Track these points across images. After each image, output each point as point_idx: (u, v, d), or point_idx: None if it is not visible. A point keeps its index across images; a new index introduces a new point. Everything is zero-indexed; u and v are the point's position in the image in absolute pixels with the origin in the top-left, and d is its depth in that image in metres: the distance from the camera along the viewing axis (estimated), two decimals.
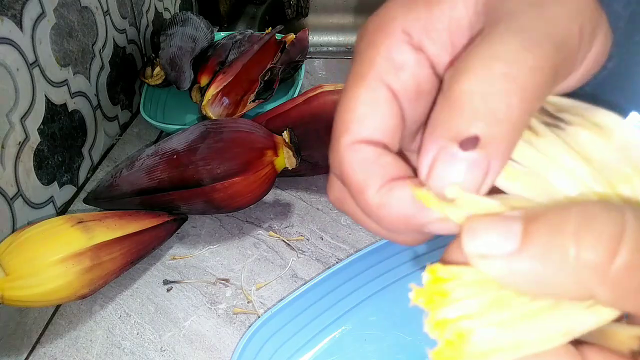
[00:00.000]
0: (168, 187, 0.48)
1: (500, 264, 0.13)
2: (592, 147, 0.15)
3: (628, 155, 0.14)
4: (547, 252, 0.13)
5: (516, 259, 0.13)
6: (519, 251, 0.13)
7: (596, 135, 0.15)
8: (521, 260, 0.13)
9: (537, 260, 0.13)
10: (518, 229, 0.13)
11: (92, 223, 0.43)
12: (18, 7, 0.45)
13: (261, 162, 0.47)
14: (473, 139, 0.14)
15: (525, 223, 0.13)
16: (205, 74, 0.63)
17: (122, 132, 0.67)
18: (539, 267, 0.13)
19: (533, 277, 0.13)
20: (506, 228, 0.14)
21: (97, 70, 0.61)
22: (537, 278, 0.13)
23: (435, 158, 0.14)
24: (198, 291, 0.45)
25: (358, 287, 0.43)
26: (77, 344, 0.42)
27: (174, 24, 0.67)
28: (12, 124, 0.46)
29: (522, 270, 0.13)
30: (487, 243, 0.14)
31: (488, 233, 0.14)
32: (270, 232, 0.51)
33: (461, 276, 0.15)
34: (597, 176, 0.15)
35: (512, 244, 0.13)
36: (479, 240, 0.14)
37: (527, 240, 0.13)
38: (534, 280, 0.13)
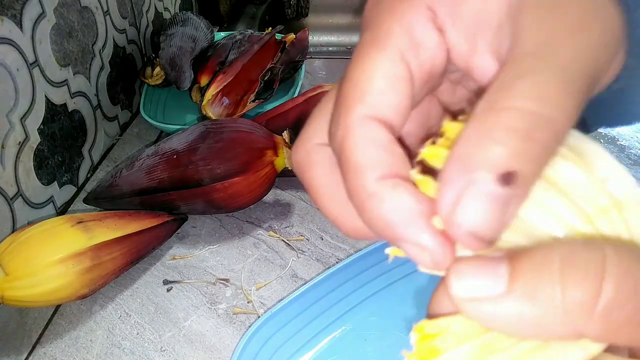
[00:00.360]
0: (168, 187, 0.48)
1: (488, 307, 0.13)
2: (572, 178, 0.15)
3: (606, 186, 0.14)
4: (534, 293, 0.13)
5: (504, 302, 0.13)
6: (506, 293, 0.13)
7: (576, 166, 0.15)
8: (509, 303, 0.13)
9: (524, 302, 0.13)
10: (505, 270, 0.13)
11: (92, 223, 0.43)
12: (18, 7, 0.45)
13: (261, 162, 0.47)
14: (509, 175, 0.13)
15: (510, 264, 0.13)
16: (205, 74, 0.63)
17: (122, 132, 0.67)
18: (527, 309, 0.13)
19: (522, 319, 0.13)
20: (493, 270, 0.13)
21: (97, 70, 0.61)
22: (525, 320, 0.13)
23: (465, 190, 0.13)
24: (198, 291, 0.45)
25: (358, 287, 0.43)
26: (77, 344, 0.42)
27: (174, 24, 0.67)
28: (12, 124, 0.46)
29: (510, 312, 0.13)
30: (475, 286, 0.13)
31: (476, 275, 0.13)
32: (270, 232, 0.51)
33: (449, 328, 0.15)
34: (575, 210, 0.14)
35: (500, 287, 0.13)
36: (467, 283, 0.14)
37: (513, 282, 0.13)
38: (523, 322, 0.13)
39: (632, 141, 0.64)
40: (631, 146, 0.63)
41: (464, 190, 0.13)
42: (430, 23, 0.17)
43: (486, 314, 0.13)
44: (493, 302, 0.13)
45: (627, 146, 0.63)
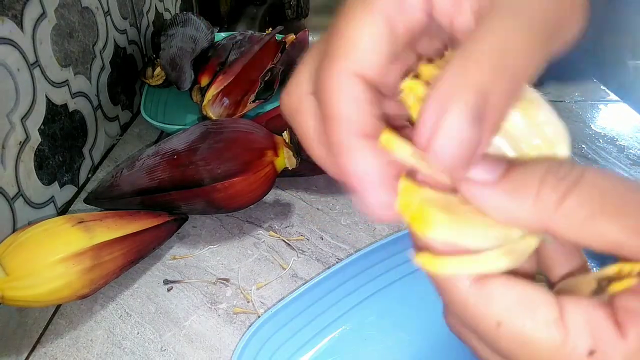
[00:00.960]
0: (168, 187, 0.48)
1: (480, 190, 0.16)
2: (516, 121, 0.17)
3: (543, 130, 0.17)
4: (517, 189, 0.16)
5: (492, 189, 0.16)
6: (496, 183, 0.16)
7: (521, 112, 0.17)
8: (496, 191, 0.16)
9: (508, 194, 0.16)
10: (502, 167, 0.17)
11: (93, 223, 0.43)
12: (19, 7, 0.45)
13: (261, 162, 0.47)
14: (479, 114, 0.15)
15: (507, 167, 0.17)
16: (205, 74, 0.63)
17: (122, 132, 0.68)
18: (508, 200, 0.16)
19: (502, 204, 0.16)
20: (495, 164, 0.17)
21: (98, 70, 0.61)
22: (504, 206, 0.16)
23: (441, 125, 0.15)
24: (198, 291, 0.46)
25: (358, 287, 0.43)
26: (78, 343, 0.42)
27: (174, 25, 0.67)
28: (13, 124, 0.46)
29: (494, 199, 0.16)
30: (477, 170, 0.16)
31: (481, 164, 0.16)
32: (271, 232, 0.51)
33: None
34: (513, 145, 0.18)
35: (493, 176, 0.16)
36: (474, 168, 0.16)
37: (504, 178, 0.16)
38: (502, 207, 0.16)
39: (632, 141, 0.64)
40: (630, 146, 0.63)
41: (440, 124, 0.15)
42: None
43: (475, 194, 0.17)
44: (483, 187, 0.16)
45: (627, 146, 0.63)
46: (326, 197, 0.55)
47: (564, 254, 0.20)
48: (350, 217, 0.52)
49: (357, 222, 0.52)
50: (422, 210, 0.17)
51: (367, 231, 0.51)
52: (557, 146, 0.17)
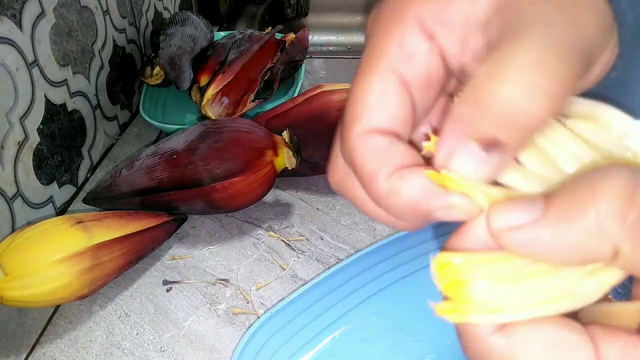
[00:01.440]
0: (168, 187, 0.47)
1: (525, 232, 0.14)
2: (594, 136, 0.16)
3: (625, 143, 0.16)
4: (569, 213, 0.13)
5: (541, 224, 0.14)
6: (542, 216, 0.14)
7: (596, 126, 0.16)
8: (546, 224, 0.14)
9: (559, 222, 0.14)
10: (540, 202, 0.14)
11: (92, 223, 0.43)
12: (17, 6, 0.45)
13: (261, 162, 0.47)
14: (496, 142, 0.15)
15: (545, 198, 0.14)
16: (205, 73, 0.63)
17: (121, 132, 0.67)
18: (563, 228, 0.13)
19: (557, 240, 0.14)
20: (529, 203, 0.14)
21: (97, 70, 0.61)
22: (560, 241, 0.14)
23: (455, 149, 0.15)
24: (198, 291, 0.45)
25: (358, 288, 0.43)
26: (77, 344, 0.42)
27: (173, 24, 0.67)
28: (12, 123, 0.46)
29: (547, 233, 0.14)
30: (513, 216, 0.14)
31: (514, 209, 0.15)
32: (270, 232, 0.51)
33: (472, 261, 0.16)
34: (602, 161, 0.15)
35: (535, 214, 0.14)
36: (505, 215, 0.15)
37: (548, 208, 0.14)
38: (558, 243, 0.14)
39: None
40: None
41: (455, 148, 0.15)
42: (420, 32, 0.18)
43: (523, 240, 0.14)
44: (529, 228, 0.14)
45: None
46: (326, 197, 0.55)
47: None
48: (351, 217, 0.52)
49: (357, 222, 0.52)
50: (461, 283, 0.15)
51: (367, 231, 0.50)
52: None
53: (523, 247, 0.14)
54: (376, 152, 0.17)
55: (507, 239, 0.15)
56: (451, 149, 0.15)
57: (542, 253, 0.14)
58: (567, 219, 0.14)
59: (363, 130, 0.17)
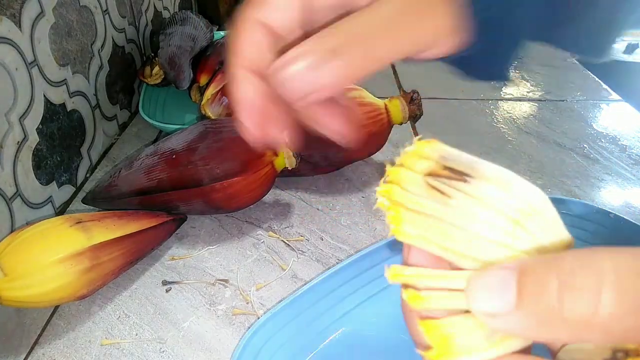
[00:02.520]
0: (167, 187, 0.47)
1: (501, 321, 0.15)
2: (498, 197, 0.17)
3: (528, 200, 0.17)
4: (538, 311, 0.14)
5: (514, 317, 0.15)
6: (515, 310, 0.14)
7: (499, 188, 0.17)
8: (518, 318, 0.15)
9: (530, 318, 0.14)
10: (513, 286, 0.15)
11: (91, 223, 0.42)
12: (17, 6, 0.45)
13: (261, 162, 0.47)
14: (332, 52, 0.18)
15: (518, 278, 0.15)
16: (204, 73, 0.63)
17: (121, 131, 0.67)
18: (533, 323, 0.14)
19: (529, 330, 0.15)
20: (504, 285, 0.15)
21: (96, 69, 0.60)
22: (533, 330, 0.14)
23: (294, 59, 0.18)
24: (197, 292, 0.45)
25: (358, 288, 0.43)
26: (76, 344, 0.42)
27: (173, 23, 0.67)
28: (11, 123, 0.45)
29: (519, 325, 0.15)
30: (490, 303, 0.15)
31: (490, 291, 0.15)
32: (270, 232, 0.51)
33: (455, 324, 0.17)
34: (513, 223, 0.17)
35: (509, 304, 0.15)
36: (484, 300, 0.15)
37: (520, 300, 0.14)
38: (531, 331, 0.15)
39: (634, 141, 0.64)
40: (632, 146, 0.63)
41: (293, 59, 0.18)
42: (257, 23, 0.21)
43: (500, 326, 0.15)
44: (505, 317, 0.15)
45: (629, 146, 0.63)
46: (326, 197, 0.55)
47: None
48: (350, 217, 0.52)
49: (357, 223, 0.51)
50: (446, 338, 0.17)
51: (367, 231, 0.50)
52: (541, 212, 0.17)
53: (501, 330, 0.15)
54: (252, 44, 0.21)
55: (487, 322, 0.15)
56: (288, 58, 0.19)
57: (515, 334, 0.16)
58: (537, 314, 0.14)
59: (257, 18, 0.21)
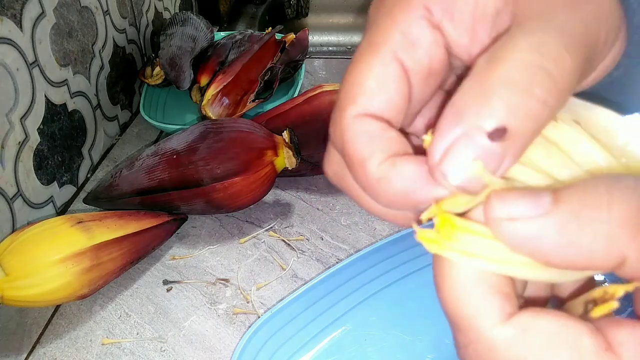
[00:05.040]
0: (168, 187, 0.48)
1: (529, 226, 0.13)
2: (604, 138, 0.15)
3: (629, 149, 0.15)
4: (581, 213, 0.13)
5: (547, 220, 0.13)
6: (550, 212, 0.13)
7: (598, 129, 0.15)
8: (553, 221, 0.13)
9: (570, 220, 0.13)
10: (548, 197, 0.13)
11: (92, 223, 0.43)
12: (18, 7, 0.45)
13: (261, 162, 0.47)
14: (501, 130, 0.13)
15: (554, 193, 0.13)
16: (205, 73, 0.63)
17: (122, 132, 0.67)
18: (572, 228, 0.13)
19: (564, 240, 0.13)
20: (536, 195, 0.13)
21: (97, 70, 0.61)
22: (568, 241, 0.13)
23: (456, 142, 0.14)
24: (198, 291, 0.45)
25: (358, 287, 0.43)
26: (77, 344, 0.42)
27: (173, 24, 0.67)
28: (12, 123, 0.46)
29: (553, 231, 0.13)
30: (517, 207, 0.13)
31: (518, 199, 0.13)
32: (270, 232, 0.51)
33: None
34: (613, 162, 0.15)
35: (541, 209, 0.13)
36: (509, 203, 0.13)
37: (557, 204, 0.13)
38: (565, 243, 0.13)
39: None
40: None
41: (456, 141, 0.14)
42: (425, 21, 0.17)
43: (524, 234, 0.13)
44: (534, 222, 0.13)
45: None
46: (326, 197, 0.55)
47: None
48: (350, 217, 0.52)
49: (357, 222, 0.52)
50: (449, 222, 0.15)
51: (367, 231, 0.50)
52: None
53: (522, 242, 0.13)
54: (368, 136, 0.16)
55: (506, 230, 0.13)
56: (450, 139, 0.14)
57: (542, 251, 0.13)
58: (578, 219, 0.13)
59: (357, 113, 0.17)
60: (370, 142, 0.16)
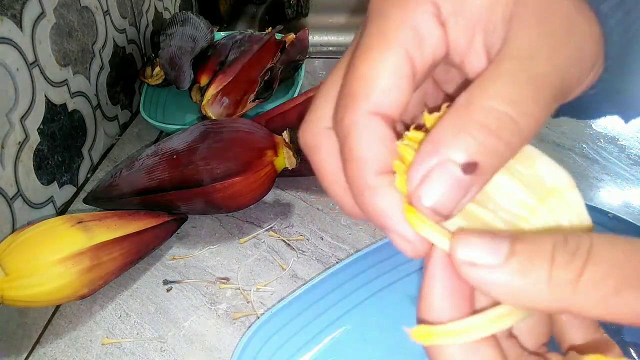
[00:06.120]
0: (168, 187, 0.48)
1: (483, 273, 0.15)
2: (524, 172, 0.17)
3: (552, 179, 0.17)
4: (526, 269, 0.14)
5: (499, 271, 0.15)
6: (503, 265, 0.15)
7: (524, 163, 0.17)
8: (504, 273, 0.15)
9: (516, 274, 0.15)
10: (505, 246, 0.15)
11: (92, 223, 0.43)
12: (18, 7, 0.45)
13: (261, 162, 0.47)
14: (473, 165, 0.15)
15: (511, 243, 0.15)
16: (205, 73, 0.63)
17: (122, 132, 0.67)
18: (517, 280, 0.15)
19: (511, 289, 0.15)
20: (495, 244, 0.15)
21: (97, 70, 0.61)
22: (514, 290, 0.15)
23: (433, 169, 0.15)
24: (198, 291, 0.45)
25: (358, 287, 0.43)
26: (77, 344, 0.42)
27: (173, 24, 0.67)
28: (12, 124, 0.46)
29: (503, 281, 0.15)
30: (477, 254, 0.15)
31: (479, 245, 0.15)
32: (271, 232, 0.51)
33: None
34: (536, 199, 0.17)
35: (498, 259, 0.15)
36: (471, 251, 0.15)
37: (510, 257, 0.15)
38: (512, 291, 0.15)
39: (632, 141, 0.64)
40: (631, 146, 0.63)
41: (432, 169, 0.15)
42: (434, 18, 0.17)
43: (481, 279, 0.15)
44: (488, 270, 0.15)
45: (627, 146, 0.63)
46: (326, 197, 0.55)
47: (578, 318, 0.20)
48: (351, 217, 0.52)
49: (357, 222, 0.52)
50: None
51: (367, 231, 0.50)
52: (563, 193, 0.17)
53: (480, 283, 0.15)
54: (378, 141, 0.17)
55: (467, 272, 0.15)
56: (427, 168, 0.15)
57: (496, 294, 0.15)
58: (525, 276, 0.14)
59: (370, 110, 0.17)
60: (376, 147, 0.17)
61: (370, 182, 0.17)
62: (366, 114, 0.17)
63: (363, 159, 0.17)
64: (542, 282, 0.14)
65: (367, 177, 0.17)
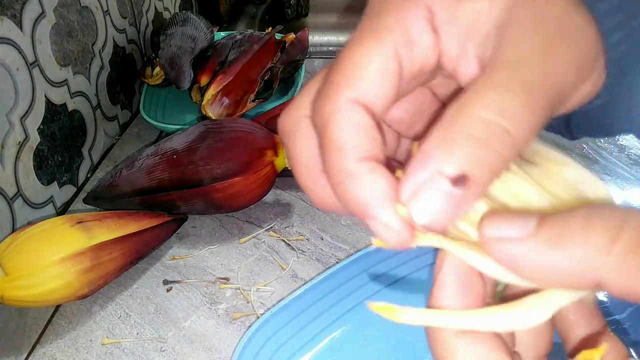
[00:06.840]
0: (168, 187, 0.48)
1: (514, 246, 0.15)
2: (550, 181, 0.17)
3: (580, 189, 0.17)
4: (558, 238, 0.14)
5: (528, 243, 0.14)
6: (532, 235, 0.14)
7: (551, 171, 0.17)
8: (533, 244, 0.14)
9: (547, 244, 0.14)
10: (533, 221, 0.15)
11: (92, 223, 0.43)
12: (18, 7, 0.45)
13: (261, 162, 0.47)
14: (463, 177, 0.15)
15: (540, 218, 0.15)
16: (205, 73, 0.63)
17: (122, 132, 0.67)
18: (549, 251, 0.14)
19: (543, 261, 0.14)
20: (523, 219, 0.15)
21: (97, 70, 0.61)
22: (544, 262, 0.14)
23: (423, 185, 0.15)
24: (198, 291, 0.45)
25: (358, 287, 0.43)
26: (77, 344, 0.42)
27: (173, 24, 0.67)
28: (12, 124, 0.46)
29: (531, 253, 0.14)
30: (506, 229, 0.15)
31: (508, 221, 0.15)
32: (271, 232, 0.51)
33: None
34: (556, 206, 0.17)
35: (527, 231, 0.15)
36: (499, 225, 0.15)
37: (540, 228, 0.14)
38: (541, 263, 0.14)
39: (632, 141, 0.64)
40: (631, 146, 0.63)
41: (422, 184, 0.15)
42: (427, 24, 0.18)
43: (510, 253, 0.15)
44: (518, 243, 0.15)
45: (627, 146, 0.63)
46: None
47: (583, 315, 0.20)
48: (350, 217, 0.52)
49: (357, 222, 0.52)
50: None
51: (367, 231, 0.50)
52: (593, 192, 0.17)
53: (508, 260, 0.15)
54: (358, 128, 0.17)
55: (495, 249, 0.15)
56: (418, 182, 0.15)
57: (525, 269, 0.15)
58: (556, 243, 0.14)
59: (352, 98, 0.17)
60: (357, 134, 0.17)
61: (350, 168, 0.16)
62: (348, 102, 0.17)
63: (343, 146, 0.16)
64: (574, 247, 0.14)
65: (347, 164, 0.16)
